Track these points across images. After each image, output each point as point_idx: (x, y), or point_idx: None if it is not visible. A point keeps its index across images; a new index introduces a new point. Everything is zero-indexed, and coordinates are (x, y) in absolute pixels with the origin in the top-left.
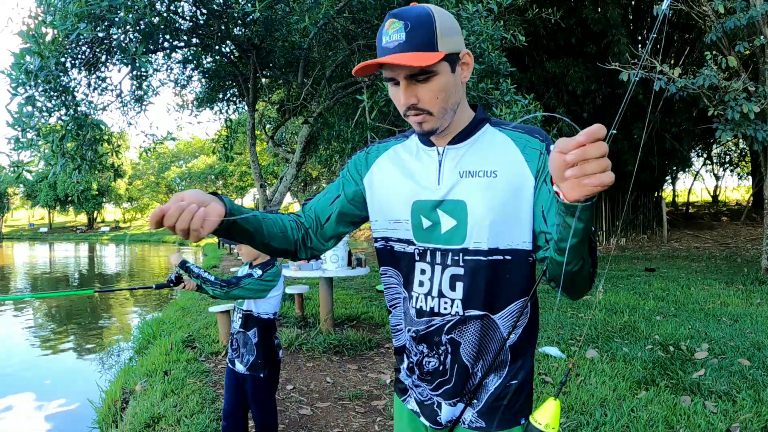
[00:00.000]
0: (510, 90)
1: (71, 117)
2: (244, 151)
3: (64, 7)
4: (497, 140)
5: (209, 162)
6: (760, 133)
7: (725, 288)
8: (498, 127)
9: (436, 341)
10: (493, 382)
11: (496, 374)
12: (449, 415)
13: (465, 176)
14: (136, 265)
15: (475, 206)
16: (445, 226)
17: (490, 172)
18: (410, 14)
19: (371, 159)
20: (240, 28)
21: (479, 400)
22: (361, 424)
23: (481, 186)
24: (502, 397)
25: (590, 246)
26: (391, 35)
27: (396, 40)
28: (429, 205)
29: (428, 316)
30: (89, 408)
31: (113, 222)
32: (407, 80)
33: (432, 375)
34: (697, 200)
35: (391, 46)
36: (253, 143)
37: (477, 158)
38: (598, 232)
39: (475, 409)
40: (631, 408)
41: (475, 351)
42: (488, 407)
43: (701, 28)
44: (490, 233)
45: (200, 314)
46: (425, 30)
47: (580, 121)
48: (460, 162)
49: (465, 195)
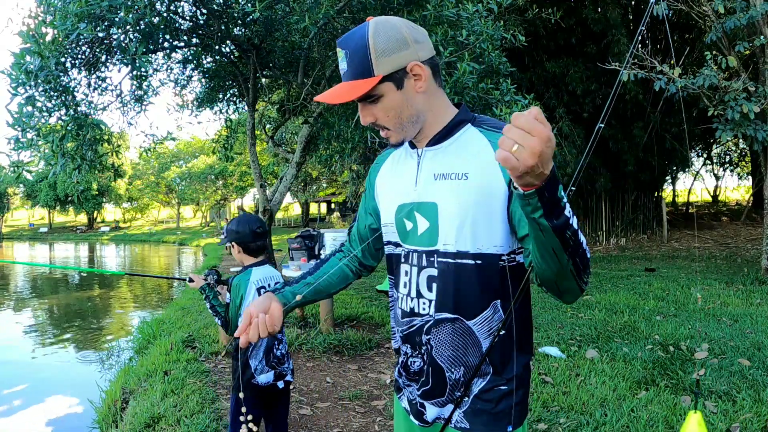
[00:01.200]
0: (510, 90)
1: (71, 117)
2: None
3: (64, 7)
4: (474, 141)
5: (209, 162)
6: (760, 133)
7: (725, 288)
8: (479, 127)
9: (417, 341)
10: (477, 384)
11: (481, 377)
12: (435, 414)
13: (438, 178)
14: (136, 266)
15: (444, 208)
16: (421, 228)
17: (461, 174)
18: (350, 41)
19: (376, 169)
20: (240, 28)
21: (465, 401)
22: (361, 424)
23: (452, 188)
24: (487, 400)
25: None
26: (340, 63)
27: (343, 69)
28: (408, 208)
29: (409, 317)
30: (89, 408)
31: (113, 222)
32: (361, 103)
33: (417, 375)
34: (697, 200)
35: (342, 74)
36: (253, 143)
37: (451, 160)
38: (598, 232)
39: (461, 409)
40: (631, 408)
41: (450, 354)
42: (472, 409)
43: (701, 28)
44: (458, 236)
45: (200, 314)
46: (360, 57)
47: (580, 121)
48: (435, 163)
49: (436, 197)
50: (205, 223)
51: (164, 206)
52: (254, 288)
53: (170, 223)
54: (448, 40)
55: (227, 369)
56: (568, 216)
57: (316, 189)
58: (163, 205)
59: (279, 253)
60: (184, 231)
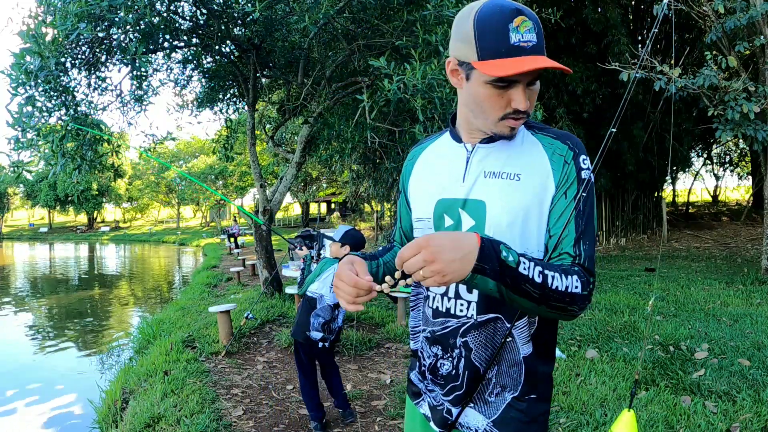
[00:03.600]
0: None
1: (71, 117)
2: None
3: (64, 7)
4: (527, 143)
5: (209, 162)
6: (760, 133)
7: (725, 288)
8: (531, 130)
9: (451, 343)
10: (509, 394)
11: (511, 387)
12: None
13: (488, 176)
14: (136, 266)
15: (493, 207)
16: (465, 226)
17: (513, 174)
18: (531, 13)
19: (410, 166)
20: (240, 28)
21: (497, 409)
22: (361, 424)
23: (502, 188)
24: (520, 409)
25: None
26: (524, 34)
27: (529, 41)
28: (453, 204)
29: (443, 317)
30: (89, 408)
31: (113, 222)
32: (526, 85)
33: (445, 379)
34: (697, 200)
35: (526, 46)
36: (253, 143)
37: (503, 159)
38: (598, 232)
39: (490, 419)
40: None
41: (488, 357)
42: (502, 417)
43: (701, 28)
44: (505, 237)
45: (200, 314)
46: (540, 32)
47: (580, 121)
48: (486, 161)
49: (485, 195)
50: (205, 223)
51: (164, 206)
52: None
53: (170, 223)
54: (448, 40)
55: (227, 369)
56: (525, 273)
57: (316, 189)
58: (163, 205)
59: (279, 253)
60: (184, 231)
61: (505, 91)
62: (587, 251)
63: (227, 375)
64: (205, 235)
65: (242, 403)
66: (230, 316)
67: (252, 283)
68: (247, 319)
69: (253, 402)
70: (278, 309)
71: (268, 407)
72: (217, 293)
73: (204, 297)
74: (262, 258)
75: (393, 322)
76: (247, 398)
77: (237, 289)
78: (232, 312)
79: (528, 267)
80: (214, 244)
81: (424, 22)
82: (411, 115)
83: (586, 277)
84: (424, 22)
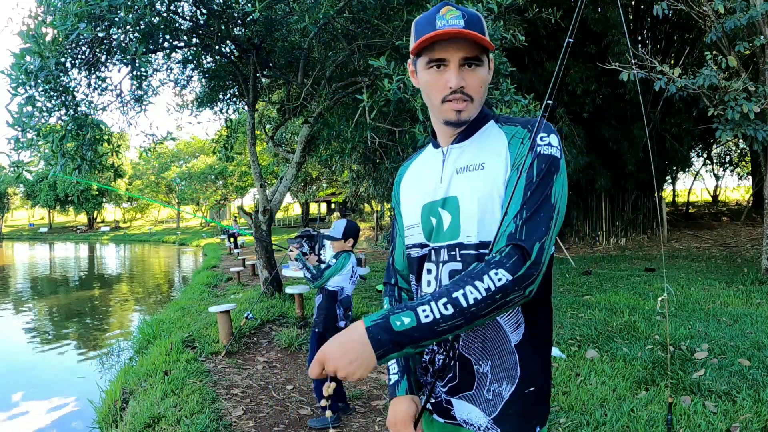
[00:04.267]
0: (510, 90)
1: (71, 117)
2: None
3: (64, 7)
4: (492, 134)
5: (209, 162)
6: (760, 133)
7: (725, 288)
8: (499, 123)
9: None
10: (507, 389)
11: (508, 380)
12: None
13: (459, 172)
14: (136, 266)
15: (464, 200)
16: (446, 223)
17: (478, 164)
18: (462, 8)
19: (398, 182)
20: (240, 28)
21: (496, 407)
22: (361, 424)
23: (470, 179)
24: (518, 404)
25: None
26: (449, 20)
27: (455, 25)
28: (434, 205)
29: None
30: (89, 408)
31: (113, 222)
32: (460, 64)
33: (441, 372)
34: (697, 200)
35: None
36: (253, 143)
37: (472, 153)
38: (598, 232)
39: (490, 416)
40: (631, 408)
41: (479, 346)
42: (502, 414)
43: (701, 28)
44: (479, 226)
45: (200, 314)
46: (479, 23)
47: (580, 121)
48: (459, 159)
49: (458, 190)
50: (205, 223)
51: (164, 206)
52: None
53: (170, 223)
54: None
55: (227, 369)
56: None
57: (316, 189)
58: (163, 205)
59: (279, 253)
60: (184, 231)
61: (441, 73)
62: (530, 225)
63: (227, 375)
64: (205, 235)
65: (242, 403)
66: (230, 316)
67: (252, 283)
68: (247, 319)
69: (253, 402)
70: (278, 309)
71: (268, 407)
72: (217, 293)
73: (204, 297)
74: (262, 258)
75: None
76: (247, 398)
77: (237, 289)
78: (232, 312)
79: (431, 311)
80: (214, 244)
81: None
82: (411, 115)
83: (518, 255)
84: None
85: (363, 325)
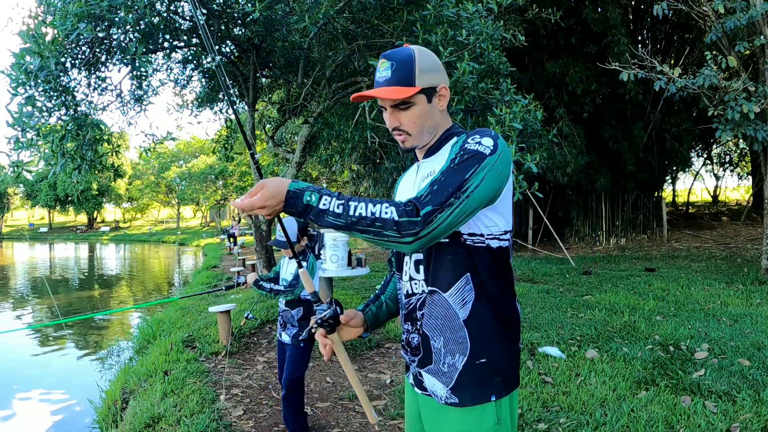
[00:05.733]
0: (510, 90)
1: (71, 117)
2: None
3: (64, 7)
4: (448, 146)
5: (209, 162)
6: (760, 133)
7: (725, 288)
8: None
9: (414, 317)
10: (460, 360)
11: (460, 352)
12: (429, 383)
13: (424, 179)
14: (136, 266)
15: None
16: None
17: (432, 171)
18: (397, 56)
19: (396, 185)
20: (240, 28)
21: (451, 378)
22: (361, 424)
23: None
24: (470, 373)
25: (342, 226)
26: (381, 72)
27: (384, 76)
28: None
29: (408, 297)
30: (89, 408)
31: (113, 222)
32: (392, 108)
33: (416, 350)
34: (697, 200)
35: (381, 80)
36: (253, 143)
37: (432, 165)
38: (598, 232)
39: (448, 387)
40: (631, 408)
41: (433, 324)
42: (458, 383)
43: (701, 28)
44: None
45: (200, 314)
46: (407, 69)
47: (580, 121)
48: (424, 170)
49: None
50: (205, 223)
51: (164, 206)
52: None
53: (170, 223)
54: (448, 40)
55: (227, 369)
56: (325, 207)
57: None
58: (163, 205)
59: (279, 253)
60: (184, 231)
61: (386, 113)
62: (432, 194)
63: (227, 375)
64: (205, 235)
65: (242, 403)
66: (230, 316)
67: None
68: (247, 319)
69: (253, 402)
70: (278, 309)
71: (268, 407)
72: (217, 293)
73: (204, 297)
74: (262, 258)
75: (393, 322)
76: (247, 398)
77: (237, 289)
78: (232, 312)
79: (329, 203)
80: (214, 244)
81: (424, 22)
82: None
83: (411, 207)
84: (424, 22)
85: (287, 185)
